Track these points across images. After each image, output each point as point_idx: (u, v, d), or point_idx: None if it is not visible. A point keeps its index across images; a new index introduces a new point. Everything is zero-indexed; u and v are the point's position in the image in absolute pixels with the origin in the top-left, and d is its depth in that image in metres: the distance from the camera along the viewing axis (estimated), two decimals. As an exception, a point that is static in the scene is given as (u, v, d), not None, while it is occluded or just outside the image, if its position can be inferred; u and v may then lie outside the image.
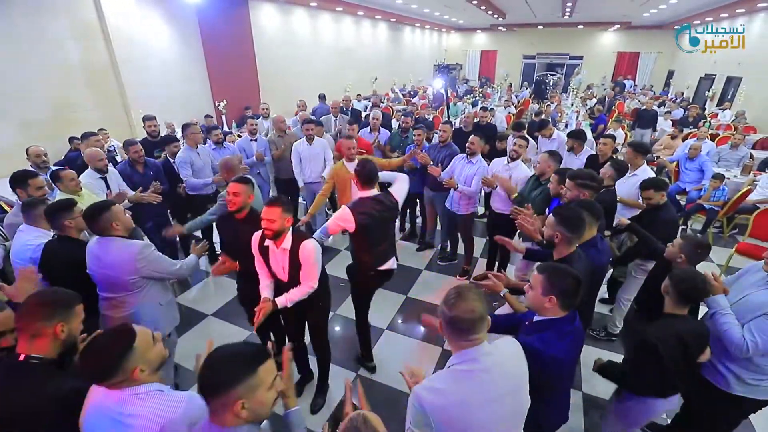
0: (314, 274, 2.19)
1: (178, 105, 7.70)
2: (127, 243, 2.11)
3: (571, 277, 1.51)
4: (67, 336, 1.40)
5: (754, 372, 1.74)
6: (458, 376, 1.26)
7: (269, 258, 2.21)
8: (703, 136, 6.44)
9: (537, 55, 19.89)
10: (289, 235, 2.13)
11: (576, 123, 8.94)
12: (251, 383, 1.01)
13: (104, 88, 6.50)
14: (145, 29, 7.00)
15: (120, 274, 2.08)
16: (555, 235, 1.94)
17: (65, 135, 5.42)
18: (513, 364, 1.36)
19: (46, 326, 1.34)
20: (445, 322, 1.29)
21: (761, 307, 1.65)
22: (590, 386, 2.92)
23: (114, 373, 1.16)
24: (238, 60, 8.89)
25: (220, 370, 1.02)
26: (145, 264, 2.10)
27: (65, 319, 1.39)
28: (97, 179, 3.31)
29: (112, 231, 2.08)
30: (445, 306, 1.28)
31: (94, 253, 2.10)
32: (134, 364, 1.19)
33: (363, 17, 13.52)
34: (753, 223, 4.45)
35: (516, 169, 3.59)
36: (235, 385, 0.99)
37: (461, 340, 1.28)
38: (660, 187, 2.84)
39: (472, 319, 1.25)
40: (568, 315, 1.53)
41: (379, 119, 5.10)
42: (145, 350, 1.25)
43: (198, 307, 3.82)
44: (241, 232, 2.36)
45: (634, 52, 17.71)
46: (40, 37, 5.53)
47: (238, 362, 1.04)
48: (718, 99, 11.70)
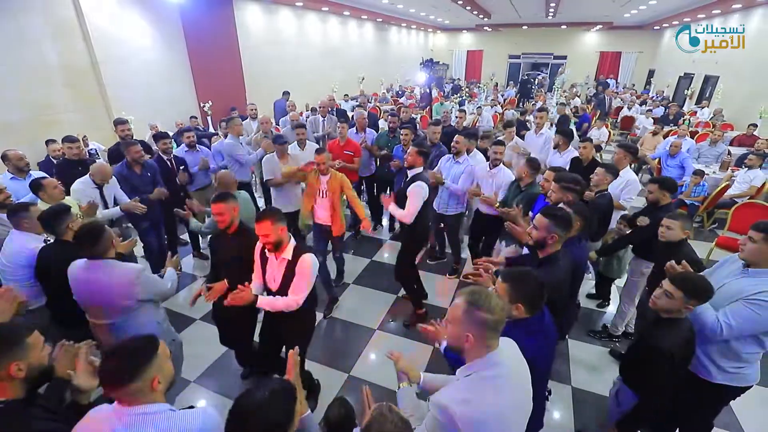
0: (304, 289, 2.13)
1: (163, 106, 7.55)
2: (124, 267, 2.01)
3: (534, 282, 1.52)
4: (28, 372, 1.26)
5: (734, 360, 1.80)
6: (488, 384, 1.20)
7: (266, 265, 2.21)
8: (683, 133, 6.63)
9: (522, 54, 20.17)
10: (292, 246, 2.12)
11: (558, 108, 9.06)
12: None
13: (84, 89, 6.33)
14: (126, 29, 6.85)
15: (115, 299, 1.98)
16: (550, 236, 1.96)
17: (44, 137, 5.26)
18: (523, 364, 1.35)
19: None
20: (482, 327, 1.20)
21: (737, 294, 1.71)
22: (579, 380, 2.97)
23: (136, 377, 1.13)
24: (223, 60, 8.78)
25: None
26: (140, 289, 2.01)
27: (18, 356, 1.24)
28: (92, 188, 3.24)
29: (108, 254, 1.98)
30: (482, 311, 1.19)
31: (83, 278, 1.97)
32: (155, 372, 1.18)
33: (349, 17, 13.51)
34: (732, 218, 4.59)
35: (498, 174, 3.65)
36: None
37: (487, 344, 1.22)
38: (668, 187, 2.83)
39: (504, 319, 1.23)
40: (537, 315, 1.56)
41: (365, 118, 5.10)
42: (164, 361, 1.23)
43: (186, 312, 3.76)
44: (230, 247, 2.37)
45: (615, 52, 18.11)
46: (14, 36, 5.34)
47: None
48: (697, 97, 12.03)
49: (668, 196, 2.85)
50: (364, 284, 4.20)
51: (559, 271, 1.96)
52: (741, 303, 1.68)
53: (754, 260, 1.73)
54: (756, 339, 1.73)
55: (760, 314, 1.63)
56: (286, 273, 2.12)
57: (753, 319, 1.64)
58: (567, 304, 2.07)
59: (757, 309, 1.64)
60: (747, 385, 1.82)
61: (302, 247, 2.16)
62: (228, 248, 2.42)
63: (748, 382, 1.83)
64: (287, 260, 2.11)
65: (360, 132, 4.99)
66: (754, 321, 1.64)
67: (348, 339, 3.42)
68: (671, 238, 2.33)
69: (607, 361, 3.15)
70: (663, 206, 2.85)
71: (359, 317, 3.67)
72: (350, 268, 4.46)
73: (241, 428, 1.04)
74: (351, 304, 3.85)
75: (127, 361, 1.15)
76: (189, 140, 4.37)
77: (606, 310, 3.79)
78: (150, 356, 1.18)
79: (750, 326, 1.67)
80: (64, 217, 2.17)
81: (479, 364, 1.22)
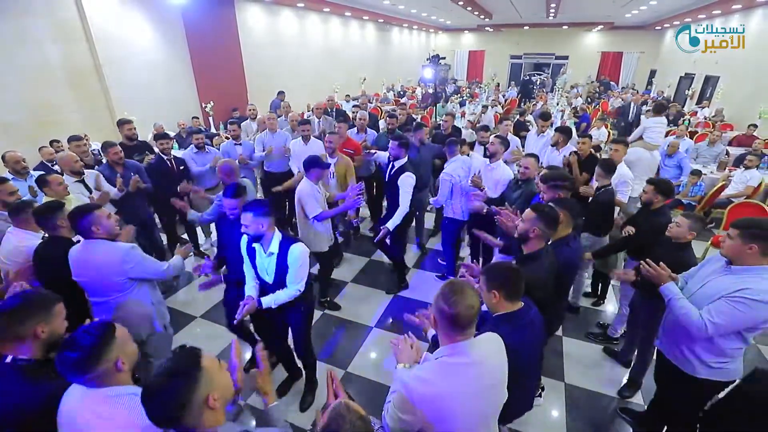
0: (301, 277, 2.21)
1: (164, 107, 7.63)
2: (113, 245, 2.11)
3: (507, 270, 1.59)
4: (49, 336, 1.42)
5: (717, 355, 1.83)
6: (449, 368, 1.29)
7: (256, 260, 2.24)
8: (681, 133, 6.63)
9: (524, 55, 20.16)
10: (276, 240, 2.16)
11: (561, 121, 9.10)
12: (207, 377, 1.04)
13: (87, 89, 6.41)
14: (128, 30, 6.93)
15: (108, 276, 2.09)
16: (532, 230, 2.00)
17: (47, 138, 5.33)
18: (497, 358, 1.42)
19: (26, 329, 1.36)
20: (443, 318, 1.30)
21: (719, 291, 1.74)
22: (572, 377, 3.01)
23: (96, 363, 1.19)
24: (225, 61, 8.85)
25: (167, 396, 1.00)
26: (132, 265, 2.12)
27: (45, 320, 1.41)
28: (73, 183, 3.28)
29: (95, 234, 2.08)
30: (444, 302, 1.29)
31: (79, 258, 2.10)
32: (116, 353, 1.24)
33: (350, 18, 13.55)
34: (727, 217, 4.60)
35: (497, 169, 3.66)
36: (195, 387, 1.01)
37: (456, 335, 1.31)
38: (663, 190, 2.75)
39: (472, 315, 1.29)
40: (522, 308, 1.61)
41: (366, 120, 5.15)
42: (124, 343, 1.30)
43: (186, 310, 3.82)
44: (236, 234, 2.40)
45: (617, 52, 18.07)
46: (18, 37, 5.42)
47: (183, 371, 1.04)
48: (698, 97, 12.02)
49: (662, 199, 2.76)
50: (363, 283, 4.25)
51: (541, 268, 1.99)
52: (723, 300, 1.71)
53: (733, 257, 1.75)
54: (739, 335, 1.76)
55: (742, 311, 1.66)
56: (278, 267, 2.17)
57: (735, 315, 1.67)
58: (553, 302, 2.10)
59: (738, 306, 1.67)
60: (730, 380, 1.85)
61: (288, 238, 2.19)
62: (230, 234, 2.49)
63: (731, 376, 1.86)
64: (275, 254, 2.15)
65: (361, 133, 5.04)
66: (737, 318, 1.68)
67: (346, 336, 3.47)
68: (677, 236, 2.30)
69: (600, 359, 3.19)
70: (656, 209, 2.79)
71: (357, 315, 3.72)
72: (349, 267, 4.52)
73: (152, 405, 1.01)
74: (349, 302, 3.90)
75: (82, 351, 1.18)
76: (198, 141, 4.45)
77: (601, 309, 3.83)
78: (107, 340, 1.23)
79: (733, 323, 1.70)
80: (55, 214, 2.23)
81: (446, 350, 1.33)
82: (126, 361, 1.27)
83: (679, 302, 1.82)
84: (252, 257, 2.25)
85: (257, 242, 2.15)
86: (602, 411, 2.75)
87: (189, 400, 1.00)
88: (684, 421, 2.13)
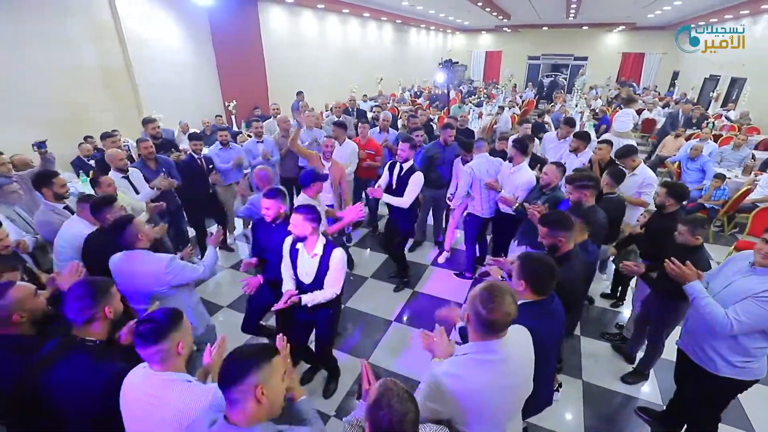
0: (340, 281, 2.33)
1: (189, 105, 7.88)
2: (156, 257, 2.21)
3: (542, 264, 1.63)
4: (115, 315, 1.57)
5: (740, 354, 1.86)
6: (477, 365, 1.34)
7: (297, 260, 2.34)
8: (705, 137, 6.51)
9: (542, 55, 19.96)
10: (321, 243, 2.27)
11: (580, 124, 9.01)
12: (267, 370, 1.15)
13: (118, 88, 6.69)
14: (158, 31, 7.19)
15: (150, 286, 2.19)
16: (558, 240, 2.06)
17: (80, 134, 5.62)
18: (525, 354, 1.46)
19: (97, 311, 1.50)
20: (478, 321, 1.33)
21: (746, 291, 1.78)
22: (590, 375, 3.05)
23: (164, 337, 1.32)
24: (248, 61, 9.08)
25: (241, 359, 1.15)
26: (173, 276, 2.21)
27: (109, 301, 1.56)
28: (120, 179, 3.49)
29: (138, 244, 2.19)
30: (482, 306, 1.31)
31: (122, 268, 2.17)
32: (181, 337, 1.37)
33: (369, 19, 13.68)
34: (752, 222, 4.55)
35: (519, 172, 3.67)
36: (255, 371, 1.12)
37: (489, 336, 1.34)
38: (675, 194, 2.75)
39: (508, 322, 1.33)
40: (546, 298, 1.66)
41: (389, 120, 5.26)
42: (187, 332, 1.42)
43: (214, 300, 3.99)
44: (270, 234, 2.56)
45: (639, 53, 17.73)
46: (58, 39, 5.71)
47: (256, 352, 1.18)
48: (723, 100, 11.74)
49: (674, 203, 2.76)
50: (381, 278, 4.35)
51: (573, 270, 2.04)
52: (750, 300, 1.76)
53: None
54: (763, 334, 1.80)
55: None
56: (319, 268, 2.27)
57: (762, 315, 1.72)
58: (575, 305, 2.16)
59: (765, 305, 1.72)
60: (754, 379, 1.89)
61: (331, 243, 2.31)
62: (269, 235, 2.60)
63: (755, 376, 1.90)
64: (318, 256, 2.26)
65: (383, 132, 5.16)
66: (762, 317, 1.72)
67: (366, 329, 3.58)
68: (684, 243, 2.32)
69: (618, 359, 3.22)
70: (668, 213, 2.79)
71: (376, 309, 3.82)
72: (368, 263, 4.64)
73: (222, 371, 1.15)
74: (368, 297, 4.01)
75: (157, 324, 1.34)
76: (223, 138, 4.63)
77: (620, 311, 3.84)
78: (176, 321, 1.38)
79: (759, 321, 1.74)
80: (105, 208, 2.41)
81: (475, 347, 1.36)
82: (185, 347, 1.40)
83: (704, 300, 1.86)
84: (294, 258, 2.35)
85: (301, 242, 2.26)
86: (618, 408, 2.80)
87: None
88: (704, 420, 2.17)
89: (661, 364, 2.90)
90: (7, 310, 1.53)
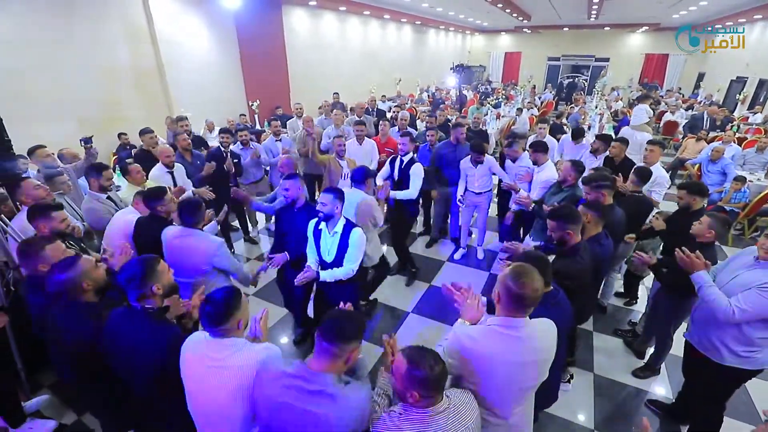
0: (357, 258, 2.52)
1: (215, 104, 8.21)
2: (211, 239, 2.48)
3: (537, 260, 1.72)
4: (164, 289, 1.74)
5: (745, 344, 1.95)
6: (495, 335, 1.45)
7: (320, 240, 2.56)
8: (728, 139, 6.43)
9: (562, 57, 19.76)
10: (341, 222, 2.48)
11: (599, 125, 8.96)
12: (360, 342, 1.41)
13: (150, 88, 7.05)
14: (187, 32, 7.54)
15: (198, 262, 2.44)
16: (566, 233, 2.19)
17: (114, 132, 6.04)
18: (544, 340, 1.54)
19: (146, 290, 1.67)
20: (509, 297, 1.43)
21: (750, 283, 1.88)
22: (601, 368, 3.13)
23: (228, 319, 1.49)
24: (271, 62, 9.37)
25: (357, 323, 1.42)
26: (219, 258, 2.47)
27: (156, 279, 1.72)
28: (165, 173, 3.78)
29: (198, 224, 2.49)
30: (512, 282, 1.41)
31: (175, 243, 2.43)
32: (240, 316, 1.54)
33: (389, 20, 13.87)
34: (773, 225, 4.52)
35: (544, 171, 3.76)
36: (359, 338, 1.40)
37: (517, 313, 1.44)
38: (695, 191, 2.82)
39: (536, 297, 1.42)
40: (551, 290, 1.79)
41: (407, 120, 5.42)
42: (245, 308, 1.61)
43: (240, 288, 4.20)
44: (293, 220, 2.80)
45: (662, 54, 17.38)
46: (94, 40, 6.07)
47: (364, 323, 1.47)
48: (750, 102, 11.45)
49: (699, 200, 2.83)
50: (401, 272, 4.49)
51: (578, 262, 2.14)
52: (754, 290, 1.85)
53: None
54: (767, 323, 1.88)
55: None
56: (340, 245, 2.48)
57: (764, 303, 1.82)
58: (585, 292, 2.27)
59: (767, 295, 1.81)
60: (758, 369, 1.97)
61: (351, 222, 2.54)
62: (291, 221, 2.84)
63: (760, 365, 1.98)
64: (339, 233, 2.47)
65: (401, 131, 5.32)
66: (764, 305, 1.81)
67: (385, 319, 3.75)
68: (697, 233, 2.39)
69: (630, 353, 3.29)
70: (695, 211, 2.83)
71: (395, 301, 3.99)
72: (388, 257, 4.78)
73: (336, 327, 1.35)
74: (387, 289, 4.16)
75: (221, 309, 1.49)
76: (243, 138, 4.83)
77: (633, 309, 3.89)
78: (237, 304, 1.53)
79: (761, 310, 1.83)
80: (155, 200, 2.66)
81: (500, 321, 1.48)
82: (244, 323, 1.58)
83: (710, 289, 1.96)
84: (317, 238, 2.57)
85: (326, 222, 2.47)
86: (628, 399, 2.89)
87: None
88: (710, 409, 2.25)
89: (673, 360, 2.97)
90: (78, 279, 1.75)
